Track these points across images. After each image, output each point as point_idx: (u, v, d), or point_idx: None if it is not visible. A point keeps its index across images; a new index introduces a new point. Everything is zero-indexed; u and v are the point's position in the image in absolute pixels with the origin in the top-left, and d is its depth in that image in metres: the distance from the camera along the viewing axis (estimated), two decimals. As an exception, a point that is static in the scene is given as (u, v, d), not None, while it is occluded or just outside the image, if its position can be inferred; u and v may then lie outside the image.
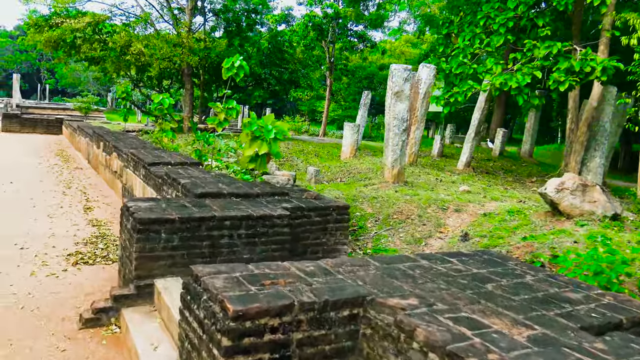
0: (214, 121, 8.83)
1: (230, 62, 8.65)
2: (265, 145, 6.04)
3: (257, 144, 6.07)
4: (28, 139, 19.66)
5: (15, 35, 72.78)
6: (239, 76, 8.79)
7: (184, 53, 19.86)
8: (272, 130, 6.06)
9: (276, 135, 6.09)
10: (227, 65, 8.68)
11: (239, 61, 8.69)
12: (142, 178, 7.48)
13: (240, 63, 8.69)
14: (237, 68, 8.70)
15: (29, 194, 8.92)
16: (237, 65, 8.67)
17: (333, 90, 36.63)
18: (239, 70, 8.75)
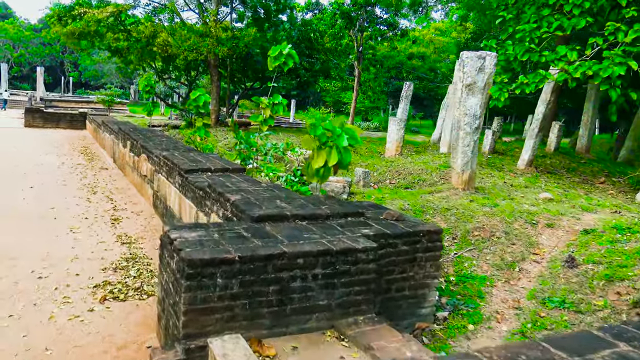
0: (257, 118, 7.78)
1: (278, 51, 7.57)
2: (336, 154, 4.92)
3: (326, 152, 4.95)
4: (51, 135, 18.90)
5: (39, 28, 72.89)
6: (288, 65, 7.71)
7: (211, 43, 18.82)
8: (343, 136, 4.94)
9: (349, 142, 4.96)
10: (275, 53, 7.61)
11: (287, 49, 7.62)
12: (177, 187, 6.43)
13: (289, 51, 7.62)
14: (285, 56, 7.63)
15: (50, 202, 7.97)
16: (285, 53, 7.60)
17: (360, 80, 35.33)
18: (288, 59, 7.68)
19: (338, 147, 4.98)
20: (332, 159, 4.95)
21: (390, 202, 7.03)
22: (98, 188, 9.38)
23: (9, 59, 64.78)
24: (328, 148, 5.00)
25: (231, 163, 6.97)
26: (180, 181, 6.31)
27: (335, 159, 4.94)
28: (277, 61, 7.60)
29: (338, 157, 4.95)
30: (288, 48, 7.62)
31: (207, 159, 7.31)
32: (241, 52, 20.26)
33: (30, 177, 9.99)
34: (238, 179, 6.00)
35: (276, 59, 7.58)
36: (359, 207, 4.89)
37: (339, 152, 4.97)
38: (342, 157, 4.98)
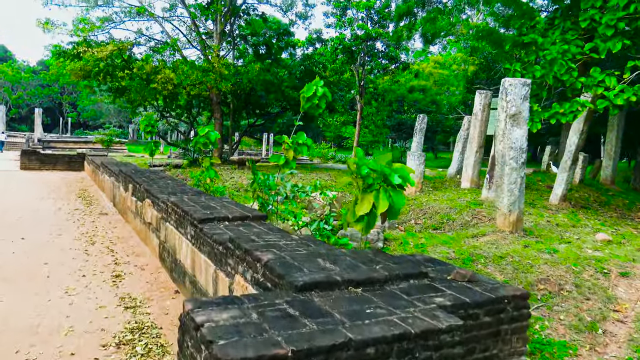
0: (278, 159, 6.97)
1: (313, 90, 6.86)
2: (385, 199, 4.08)
3: (372, 196, 4.11)
4: (48, 178, 18.08)
5: (37, 70, 73.18)
6: (321, 107, 6.99)
7: (215, 79, 18.24)
8: (393, 176, 4.11)
9: (401, 183, 4.14)
10: (310, 93, 6.88)
11: (321, 88, 6.92)
12: (190, 239, 5.56)
13: (323, 90, 6.91)
14: (318, 98, 6.91)
15: (44, 256, 7.06)
16: (320, 94, 6.89)
17: (362, 114, 34.85)
18: (321, 101, 6.96)
19: (387, 190, 4.15)
20: (382, 205, 4.10)
21: (432, 249, 6.15)
22: (97, 237, 8.48)
23: (7, 100, 64.65)
24: (375, 191, 4.17)
25: (250, 209, 6.11)
26: (194, 232, 5.43)
27: (385, 204, 4.09)
28: (310, 102, 6.89)
29: (388, 201, 4.11)
30: (321, 87, 6.92)
31: (222, 204, 6.46)
32: (245, 88, 19.67)
33: (23, 225, 9.10)
34: (261, 229, 5.14)
35: (309, 99, 6.85)
36: (415, 262, 4.03)
37: (388, 196, 4.14)
38: (394, 201, 4.14)
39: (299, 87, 21.86)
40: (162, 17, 21.73)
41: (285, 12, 24.35)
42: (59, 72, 50.85)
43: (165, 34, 22.16)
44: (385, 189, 4.13)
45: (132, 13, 20.25)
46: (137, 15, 20.07)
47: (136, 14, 19.98)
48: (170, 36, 21.73)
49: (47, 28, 20.42)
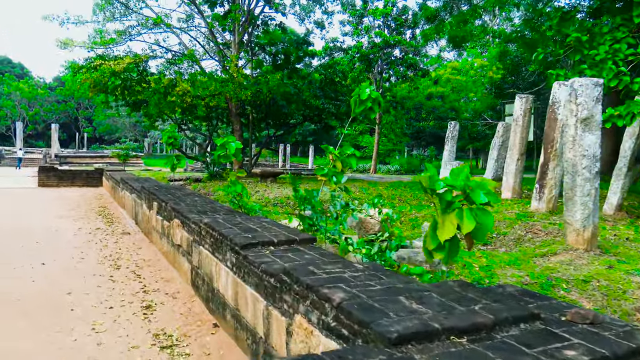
0: (324, 173, 6.34)
1: (367, 95, 6.24)
2: (471, 218, 3.41)
3: (455, 217, 3.45)
4: (66, 195, 17.65)
5: (53, 87, 73.79)
6: (374, 112, 6.37)
7: (233, 89, 17.73)
8: (478, 192, 3.45)
9: (487, 199, 3.46)
10: (364, 97, 6.27)
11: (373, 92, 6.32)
12: (230, 267, 4.91)
13: (376, 95, 6.30)
14: (371, 101, 6.29)
15: (66, 284, 6.48)
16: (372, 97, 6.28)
17: (381, 123, 34.22)
18: (374, 104, 6.33)
19: (472, 209, 3.48)
20: (466, 225, 3.42)
21: (501, 272, 5.44)
22: (122, 261, 7.89)
23: (24, 117, 65.10)
24: (458, 210, 3.50)
25: (295, 231, 5.45)
26: (235, 259, 4.79)
27: (471, 224, 3.41)
28: (362, 106, 6.26)
29: (475, 222, 3.43)
30: (371, 91, 6.31)
31: (261, 225, 5.82)
32: (265, 98, 19.14)
33: (43, 249, 8.56)
34: (314, 255, 4.49)
35: (361, 103, 6.23)
36: (513, 297, 3.34)
37: (474, 216, 3.46)
38: (481, 221, 3.46)
39: (319, 97, 21.31)
40: (179, 27, 21.38)
41: (302, 20, 23.86)
42: (74, 88, 51.10)
43: (182, 45, 21.78)
44: (470, 207, 3.46)
45: (148, 24, 19.87)
46: (154, 26, 19.68)
47: (153, 25, 19.59)
48: (187, 47, 21.33)
49: (67, 45, 20.12)
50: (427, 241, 3.70)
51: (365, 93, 6.41)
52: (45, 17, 19.09)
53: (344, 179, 6.43)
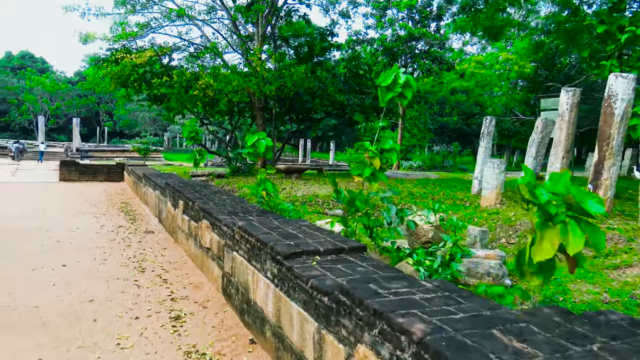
0: (361, 171, 5.77)
1: (392, 78, 5.63)
2: (579, 234, 2.81)
3: (558, 233, 2.85)
4: (87, 190, 17.36)
5: (74, 81, 74.23)
6: (407, 98, 5.75)
7: (257, 83, 17.22)
8: (587, 202, 2.84)
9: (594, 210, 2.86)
10: (388, 81, 5.66)
11: (403, 76, 5.68)
12: (271, 279, 4.38)
13: (406, 79, 5.66)
14: (401, 85, 5.67)
15: (88, 289, 6.02)
16: (402, 82, 5.66)
17: (405, 118, 33.46)
18: (406, 90, 5.71)
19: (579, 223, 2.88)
20: (574, 244, 2.82)
21: (574, 287, 4.82)
22: (146, 263, 7.43)
23: (46, 111, 65.57)
24: (561, 225, 2.90)
25: (341, 238, 4.89)
26: (277, 270, 4.26)
27: (580, 242, 2.82)
28: (391, 93, 5.64)
29: (582, 239, 2.83)
30: (403, 74, 5.67)
31: (301, 230, 5.27)
32: (288, 92, 18.59)
33: (63, 249, 8.14)
34: (368, 268, 3.94)
35: (389, 89, 5.61)
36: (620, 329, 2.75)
37: (581, 232, 2.86)
38: (593, 238, 2.86)
39: (344, 91, 20.69)
40: (201, 19, 20.91)
41: (327, 11, 23.23)
42: (95, 82, 51.18)
43: (204, 38, 21.33)
44: (576, 221, 2.86)
45: (170, 16, 19.43)
46: (177, 17, 19.24)
47: (176, 17, 19.14)
48: (209, 40, 20.87)
49: (88, 39, 19.79)
50: (524, 261, 3.09)
51: (389, 79, 5.77)
52: (66, 7, 18.78)
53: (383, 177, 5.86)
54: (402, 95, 5.69)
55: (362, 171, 5.63)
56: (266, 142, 8.57)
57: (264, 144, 8.50)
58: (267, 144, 8.59)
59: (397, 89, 5.61)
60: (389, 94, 5.68)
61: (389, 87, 5.64)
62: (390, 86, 5.60)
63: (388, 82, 5.69)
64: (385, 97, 5.78)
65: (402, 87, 5.63)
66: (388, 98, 5.75)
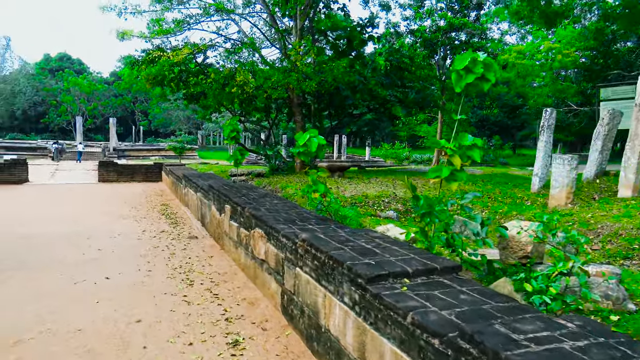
0: (439, 172, 5.03)
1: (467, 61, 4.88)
2: None
3: None
4: (126, 191, 17.08)
5: (111, 82, 75.38)
6: (489, 81, 4.99)
7: (297, 79, 16.58)
8: None
9: None
10: (462, 64, 4.92)
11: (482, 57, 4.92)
12: (350, 305, 3.70)
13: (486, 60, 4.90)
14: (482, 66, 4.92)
15: (134, 307, 5.47)
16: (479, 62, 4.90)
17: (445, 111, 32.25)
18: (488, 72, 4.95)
19: None
20: None
21: None
22: (194, 274, 6.86)
23: (84, 112, 66.68)
24: None
25: (426, 254, 4.17)
26: (359, 297, 3.57)
27: None
28: (471, 75, 4.88)
29: None
30: (483, 56, 4.90)
31: (373, 242, 4.58)
32: (329, 87, 17.88)
33: (106, 258, 7.66)
34: (474, 295, 3.22)
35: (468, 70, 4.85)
36: None
37: None
38: None
39: (386, 85, 19.87)
40: (239, 13, 20.40)
41: (366, 3, 22.38)
42: (131, 82, 51.61)
43: (241, 33, 20.81)
44: None
45: (208, 11, 18.96)
46: (216, 12, 18.74)
47: (215, 11, 18.65)
48: (246, 35, 20.34)
49: (125, 36, 19.49)
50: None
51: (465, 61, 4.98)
52: (103, 7, 18.52)
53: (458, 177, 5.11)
54: (483, 78, 4.92)
55: (439, 172, 4.89)
56: (318, 141, 7.90)
57: (316, 143, 7.81)
58: (319, 142, 7.92)
59: (478, 69, 4.83)
60: (468, 77, 4.92)
61: (468, 69, 4.87)
62: (469, 69, 4.83)
63: (463, 65, 4.94)
64: (462, 81, 5.02)
65: (484, 69, 4.86)
66: (466, 82, 4.98)
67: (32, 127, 74.54)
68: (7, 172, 18.78)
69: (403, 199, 11.66)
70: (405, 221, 10.19)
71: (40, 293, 5.83)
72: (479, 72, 4.88)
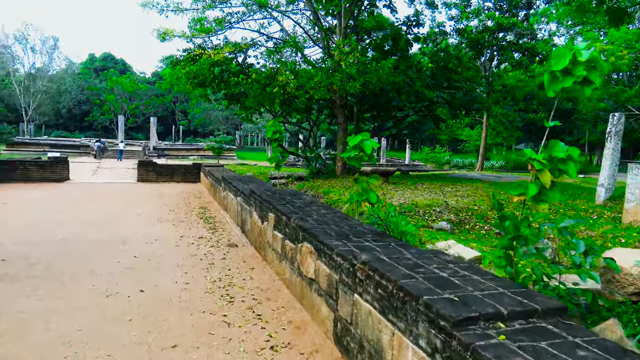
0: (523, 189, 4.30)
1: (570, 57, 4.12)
2: None
3: None
4: (165, 192, 16.81)
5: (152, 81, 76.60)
6: (593, 84, 4.22)
7: (341, 79, 15.94)
8: None
9: None
10: (563, 64, 4.16)
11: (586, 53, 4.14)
12: (429, 352, 3.02)
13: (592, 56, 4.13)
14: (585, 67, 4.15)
15: (171, 328, 4.92)
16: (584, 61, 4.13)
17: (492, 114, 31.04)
18: (592, 73, 4.18)
19: None
20: None
21: None
22: (234, 289, 6.29)
23: (125, 111, 67.86)
24: None
25: (522, 290, 3.44)
26: (442, 343, 2.88)
27: None
28: (570, 78, 4.11)
29: None
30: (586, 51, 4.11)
31: (448, 268, 3.88)
32: (374, 88, 17.18)
33: (141, 266, 7.19)
34: (597, 352, 2.49)
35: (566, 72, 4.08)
36: None
37: None
38: None
39: (432, 86, 19.03)
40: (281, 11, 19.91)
41: (412, 1, 21.57)
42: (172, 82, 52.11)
43: (284, 32, 20.33)
44: None
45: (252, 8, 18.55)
46: (259, 9, 18.32)
47: (258, 8, 18.22)
48: (288, 34, 19.85)
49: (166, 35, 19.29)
50: None
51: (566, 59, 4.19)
52: (145, 4, 18.34)
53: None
54: (585, 81, 4.13)
55: (524, 189, 4.14)
56: (371, 144, 7.24)
57: (370, 145, 7.16)
58: (372, 145, 7.26)
59: (579, 71, 4.06)
60: (566, 80, 4.14)
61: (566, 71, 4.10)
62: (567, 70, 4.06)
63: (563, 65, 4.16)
64: (557, 85, 4.25)
65: (586, 70, 4.08)
66: (563, 86, 4.21)
67: (76, 125, 76.45)
68: (49, 169, 18.84)
69: (455, 208, 10.85)
70: (459, 233, 9.40)
71: (70, 308, 5.36)
72: (580, 75, 4.10)
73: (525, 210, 4.39)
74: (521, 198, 4.31)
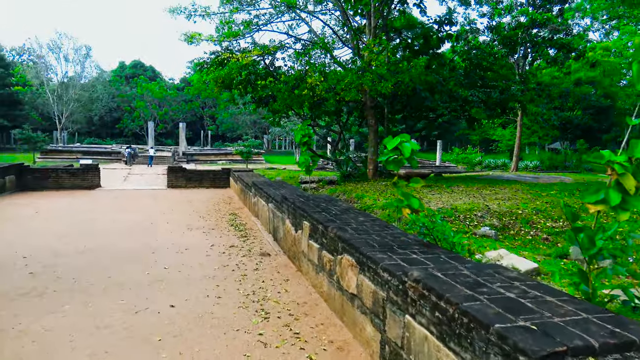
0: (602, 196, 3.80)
1: None
2: None
3: None
4: (194, 198, 16.63)
5: (180, 87, 77.42)
6: None
7: (372, 80, 15.49)
8: None
9: None
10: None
11: None
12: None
13: None
14: None
15: (203, 354, 4.57)
16: None
17: (527, 113, 30.06)
18: None
19: None
20: None
21: None
22: (269, 303, 5.92)
23: (155, 117, 68.66)
24: None
25: (605, 313, 2.96)
26: (522, 384, 2.42)
27: None
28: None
29: None
30: None
31: (513, 286, 3.41)
32: (406, 89, 16.67)
33: (171, 279, 6.89)
34: None
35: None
36: None
37: None
38: None
39: (466, 85, 18.39)
40: (309, 11, 19.59)
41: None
42: (200, 87, 52.46)
43: (312, 34, 20.00)
44: None
45: (281, 9, 18.27)
46: (288, 9, 18.03)
47: (286, 8, 17.93)
48: (317, 35, 19.49)
49: (195, 39, 19.17)
50: None
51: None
52: (172, 10, 18.26)
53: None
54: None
55: (605, 195, 3.64)
56: (411, 146, 6.77)
57: (409, 148, 6.69)
58: (412, 147, 6.79)
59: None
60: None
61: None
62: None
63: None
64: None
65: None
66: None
67: (107, 132, 77.77)
68: (80, 177, 18.91)
69: (498, 212, 10.28)
70: (504, 240, 8.84)
71: (96, 326, 5.06)
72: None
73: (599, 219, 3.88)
74: (599, 208, 3.80)
